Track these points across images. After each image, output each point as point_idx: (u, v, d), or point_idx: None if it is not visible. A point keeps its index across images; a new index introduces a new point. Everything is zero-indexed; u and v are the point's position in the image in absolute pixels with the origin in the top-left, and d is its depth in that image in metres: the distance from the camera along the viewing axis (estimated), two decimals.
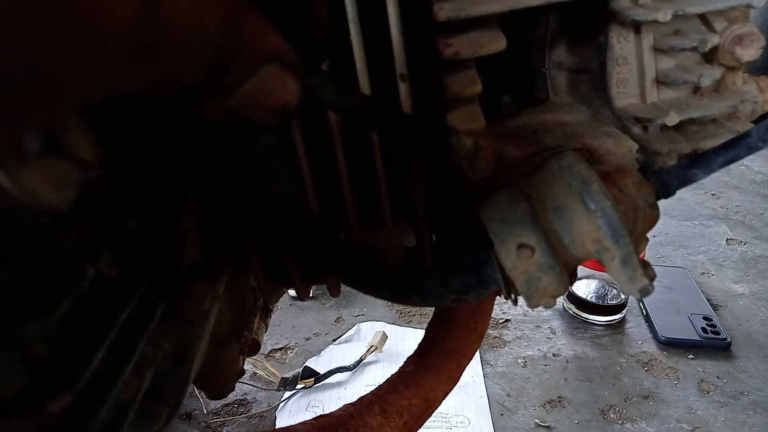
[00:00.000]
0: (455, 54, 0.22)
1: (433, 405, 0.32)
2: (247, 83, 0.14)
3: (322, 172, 0.25)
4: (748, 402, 0.64)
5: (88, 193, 0.15)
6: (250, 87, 0.14)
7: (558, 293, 0.22)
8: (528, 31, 0.28)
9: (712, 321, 0.74)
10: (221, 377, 0.31)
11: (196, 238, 0.22)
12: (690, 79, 0.25)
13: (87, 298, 0.15)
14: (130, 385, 0.17)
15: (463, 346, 0.33)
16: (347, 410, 0.30)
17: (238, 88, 0.14)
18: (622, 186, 0.22)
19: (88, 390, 0.15)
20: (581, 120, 0.28)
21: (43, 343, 0.14)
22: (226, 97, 0.14)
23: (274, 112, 0.15)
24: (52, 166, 0.14)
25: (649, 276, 0.21)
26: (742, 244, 0.94)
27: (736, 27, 0.25)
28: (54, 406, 0.14)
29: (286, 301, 0.81)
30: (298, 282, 0.28)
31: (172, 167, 0.21)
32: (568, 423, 0.62)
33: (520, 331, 0.76)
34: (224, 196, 0.25)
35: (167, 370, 0.20)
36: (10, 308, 0.13)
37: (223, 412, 0.64)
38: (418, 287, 0.25)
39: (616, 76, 0.26)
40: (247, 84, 0.14)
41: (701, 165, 0.23)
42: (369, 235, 0.27)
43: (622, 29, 0.25)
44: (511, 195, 0.22)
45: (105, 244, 0.16)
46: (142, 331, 0.18)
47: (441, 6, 0.22)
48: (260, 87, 0.14)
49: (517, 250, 0.21)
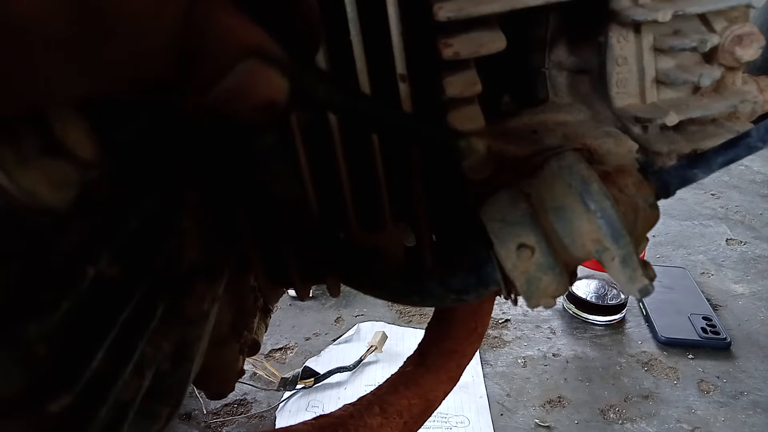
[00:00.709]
0: (455, 54, 0.22)
1: (433, 405, 0.32)
2: (225, 80, 0.13)
3: (322, 172, 0.25)
4: (748, 402, 0.64)
5: (88, 193, 0.15)
6: (229, 84, 0.13)
7: (558, 293, 0.22)
8: (528, 31, 0.28)
9: (711, 321, 0.74)
10: (221, 377, 0.31)
11: (196, 238, 0.22)
12: (690, 79, 0.25)
13: (87, 298, 0.15)
14: (130, 385, 0.17)
15: (463, 346, 0.33)
16: (347, 410, 0.30)
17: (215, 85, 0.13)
18: (622, 186, 0.22)
19: (88, 390, 0.15)
20: (581, 120, 0.28)
21: (43, 343, 0.14)
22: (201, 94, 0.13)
23: (259, 109, 0.14)
24: (52, 166, 0.14)
25: (649, 276, 0.21)
26: (742, 244, 0.94)
27: (736, 27, 0.25)
28: (54, 406, 0.14)
29: (286, 301, 0.81)
30: (298, 282, 0.29)
31: (172, 167, 0.21)
32: (568, 423, 0.62)
33: (520, 331, 0.76)
34: (224, 196, 0.25)
35: (167, 370, 0.20)
36: (10, 308, 0.13)
37: (222, 412, 0.64)
38: (418, 287, 0.25)
39: (616, 76, 0.26)
40: (225, 81, 0.13)
41: (701, 165, 0.23)
42: (369, 235, 0.27)
43: (622, 29, 0.25)
44: (511, 195, 0.22)
45: (105, 244, 0.16)
46: (142, 331, 0.18)
47: (441, 6, 0.22)
48: (240, 84, 0.14)
49: (517, 250, 0.21)
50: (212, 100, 0.14)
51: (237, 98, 0.14)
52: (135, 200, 0.18)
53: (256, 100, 0.14)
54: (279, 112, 0.15)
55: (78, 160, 0.14)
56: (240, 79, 0.14)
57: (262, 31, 0.14)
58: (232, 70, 0.13)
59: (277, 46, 0.14)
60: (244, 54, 0.14)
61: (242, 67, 0.13)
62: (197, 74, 0.13)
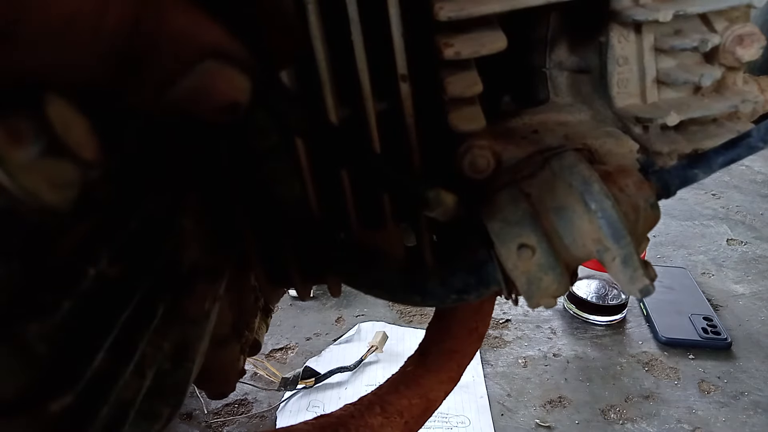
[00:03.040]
0: (456, 54, 0.22)
1: (434, 405, 0.32)
2: (183, 81, 0.13)
3: (323, 172, 0.25)
4: (749, 402, 0.64)
5: (89, 193, 0.15)
6: (187, 85, 0.13)
7: (559, 293, 0.22)
8: (529, 31, 0.28)
9: (712, 321, 0.74)
10: (222, 377, 0.31)
11: (196, 238, 0.22)
12: (691, 79, 0.25)
13: (88, 298, 0.15)
14: (130, 384, 0.17)
15: (463, 346, 0.33)
16: (348, 410, 0.30)
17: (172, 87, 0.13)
18: (622, 186, 0.22)
19: (89, 390, 0.15)
20: (582, 120, 0.28)
21: (44, 343, 0.14)
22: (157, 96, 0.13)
23: (221, 110, 0.14)
24: (53, 166, 0.14)
25: (649, 276, 0.21)
26: (743, 245, 0.94)
27: (737, 27, 0.25)
28: (55, 406, 0.14)
29: (287, 301, 0.81)
30: (299, 282, 0.28)
31: (173, 167, 0.21)
32: (569, 423, 0.62)
33: (521, 331, 0.76)
34: (225, 196, 0.25)
35: (168, 370, 0.20)
36: (11, 308, 0.13)
37: (223, 412, 0.64)
38: (418, 287, 0.25)
39: (617, 76, 0.26)
40: (183, 82, 0.13)
41: (702, 165, 0.23)
42: (370, 234, 0.27)
43: (623, 29, 0.25)
44: (511, 195, 0.22)
45: (106, 244, 0.16)
46: (142, 331, 0.18)
47: (442, 6, 0.22)
48: (199, 85, 0.13)
49: (517, 250, 0.21)
50: (172, 101, 0.13)
51: (198, 100, 0.14)
52: (136, 200, 0.18)
53: (217, 101, 0.14)
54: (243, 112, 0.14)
55: (79, 160, 0.14)
56: (198, 80, 0.13)
57: (221, 29, 0.14)
58: (189, 71, 0.13)
59: (238, 45, 0.14)
60: (202, 54, 0.13)
61: (200, 68, 0.13)
62: (149, 77, 0.13)
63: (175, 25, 0.13)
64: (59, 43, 0.11)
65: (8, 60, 0.11)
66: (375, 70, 0.23)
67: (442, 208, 0.20)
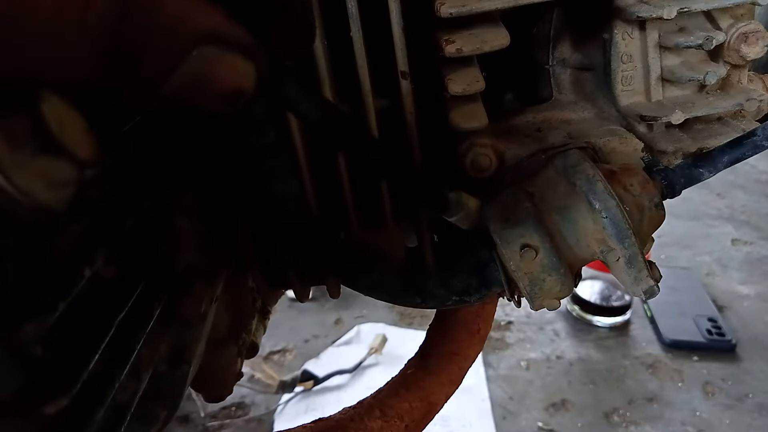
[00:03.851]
0: (458, 51, 0.22)
1: (435, 408, 0.31)
2: (180, 69, 0.12)
3: (322, 170, 0.25)
4: (754, 404, 0.63)
5: (85, 193, 0.15)
6: (185, 72, 0.12)
7: (562, 295, 0.22)
8: (531, 28, 0.28)
9: (717, 322, 0.74)
10: (219, 380, 0.30)
11: (193, 239, 0.22)
12: (695, 77, 0.25)
13: (83, 298, 0.15)
14: (126, 387, 0.17)
15: (465, 348, 0.32)
16: (347, 413, 0.30)
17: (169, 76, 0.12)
18: (627, 185, 0.22)
19: (85, 392, 0.15)
20: (586, 118, 0.27)
21: (40, 344, 0.14)
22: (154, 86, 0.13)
23: (223, 99, 0.13)
24: (49, 165, 0.14)
25: (654, 277, 0.21)
26: (748, 245, 0.93)
27: (742, 25, 0.24)
28: (51, 407, 0.14)
29: (285, 303, 0.80)
30: (297, 283, 0.28)
31: (170, 164, 0.21)
32: (572, 426, 0.61)
33: (523, 333, 0.75)
34: (222, 195, 0.25)
35: (164, 373, 0.20)
36: (6, 308, 0.13)
37: (220, 415, 0.63)
38: (419, 288, 0.25)
39: (621, 74, 0.26)
40: (181, 70, 0.12)
41: (707, 164, 0.23)
42: (370, 235, 0.27)
43: (627, 26, 0.25)
44: (514, 194, 0.22)
45: (101, 244, 0.16)
46: (138, 333, 0.18)
47: (443, 2, 0.21)
48: (198, 72, 0.13)
49: (520, 250, 0.21)
50: (171, 91, 0.13)
51: (197, 88, 0.13)
52: (131, 200, 0.18)
53: (219, 88, 0.13)
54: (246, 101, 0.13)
55: (75, 158, 0.14)
56: (197, 66, 0.13)
57: (219, 15, 0.13)
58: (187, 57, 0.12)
59: (240, 31, 0.13)
60: (199, 40, 0.13)
61: (198, 55, 0.12)
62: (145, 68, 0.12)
63: (168, 11, 0.12)
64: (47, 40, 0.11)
65: None
66: (375, 67, 0.23)
67: (464, 212, 0.19)
